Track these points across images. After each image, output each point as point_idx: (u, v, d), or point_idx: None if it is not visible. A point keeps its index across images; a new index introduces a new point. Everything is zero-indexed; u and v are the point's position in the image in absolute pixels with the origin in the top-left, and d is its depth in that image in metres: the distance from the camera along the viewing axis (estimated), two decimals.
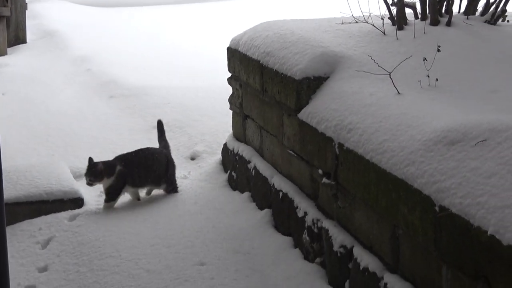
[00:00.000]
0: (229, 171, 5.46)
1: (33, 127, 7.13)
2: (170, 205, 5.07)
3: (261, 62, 4.72)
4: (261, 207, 4.80)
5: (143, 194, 5.38)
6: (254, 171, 4.96)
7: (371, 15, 4.85)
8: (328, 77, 4.12)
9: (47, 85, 8.89)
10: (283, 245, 4.30)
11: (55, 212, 5.07)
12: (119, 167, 5.13)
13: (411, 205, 2.95)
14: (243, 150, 5.26)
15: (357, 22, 4.90)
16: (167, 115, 6.86)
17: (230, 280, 3.98)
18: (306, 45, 4.33)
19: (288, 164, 4.49)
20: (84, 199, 5.25)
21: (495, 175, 2.59)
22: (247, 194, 5.06)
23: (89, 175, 5.10)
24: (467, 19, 4.70)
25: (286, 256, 4.18)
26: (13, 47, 11.43)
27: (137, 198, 5.32)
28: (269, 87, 4.60)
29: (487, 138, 2.78)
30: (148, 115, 7.21)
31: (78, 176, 5.64)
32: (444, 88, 3.68)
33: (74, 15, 14.32)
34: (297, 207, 4.20)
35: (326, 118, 3.80)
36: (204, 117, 6.89)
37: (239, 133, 5.51)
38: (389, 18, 4.75)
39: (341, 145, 3.61)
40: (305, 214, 4.11)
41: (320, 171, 3.89)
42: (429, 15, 4.70)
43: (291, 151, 4.33)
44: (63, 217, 4.99)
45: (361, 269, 3.43)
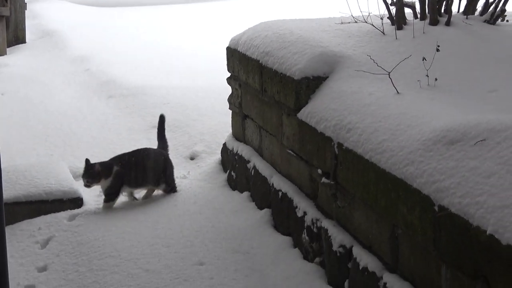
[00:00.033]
0: (228, 171, 5.45)
1: (32, 127, 7.13)
2: (169, 205, 5.06)
3: (260, 62, 4.71)
4: (260, 207, 4.80)
5: (141, 196, 5.37)
6: (253, 170, 4.95)
7: (370, 15, 4.85)
8: (327, 77, 4.11)
9: (46, 85, 8.89)
10: (283, 244, 4.29)
11: (54, 212, 5.07)
12: (116, 168, 5.13)
13: (410, 204, 2.95)
14: (243, 149, 5.26)
15: (356, 22, 4.90)
16: (167, 115, 6.80)
17: (229, 279, 3.98)
18: (305, 45, 4.33)
19: (287, 163, 4.48)
20: (83, 199, 5.25)
21: (494, 174, 2.59)
22: (246, 194, 5.06)
23: (86, 177, 5.09)
24: (467, 18, 4.70)
25: (285, 255, 4.18)
26: (13, 47, 11.45)
27: (133, 198, 5.32)
28: (269, 87, 4.60)
29: (486, 138, 2.78)
30: (147, 115, 7.20)
31: (77, 176, 5.63)
32: (443, 87, 3.68)
33: (73, 15, 14.33)
34: (297, 207, 4.20)
35: (325, 117, 3.80)
36: (203, 117, 6.88)
37: (239, 133, 5.51)
38: (388, 18, 4.75)
39: (340, 145, 3.61)
40: (305, 213, 4.11)
41: (319, 171, 3.88)
42: (429, 15, 4.70)
43: (290, 151, 4.32)
44: (62, 217, 4.99)
45: (360, 268, 3.42)
